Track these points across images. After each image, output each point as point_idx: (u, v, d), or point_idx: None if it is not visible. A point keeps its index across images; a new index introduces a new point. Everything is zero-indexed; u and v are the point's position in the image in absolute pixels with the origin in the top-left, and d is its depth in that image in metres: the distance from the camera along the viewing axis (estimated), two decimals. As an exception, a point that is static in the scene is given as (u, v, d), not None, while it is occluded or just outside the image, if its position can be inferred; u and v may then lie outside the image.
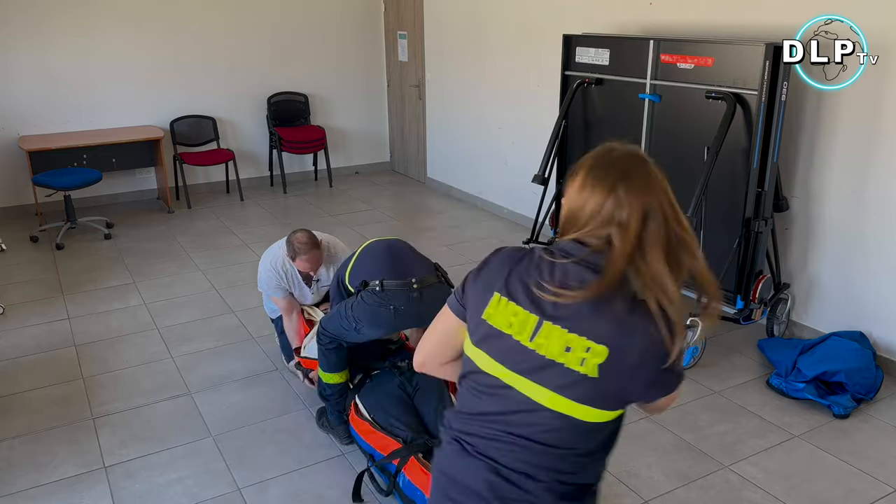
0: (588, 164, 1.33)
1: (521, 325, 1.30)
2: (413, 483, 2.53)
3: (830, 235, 3.71)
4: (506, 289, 1.33)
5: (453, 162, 6.75)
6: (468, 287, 1.42)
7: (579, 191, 1.31)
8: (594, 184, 1.29)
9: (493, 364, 1.34)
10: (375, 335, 2.94)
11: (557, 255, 1.32)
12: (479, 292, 1.38)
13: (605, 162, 1.32)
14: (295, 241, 3.28)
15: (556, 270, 1.29)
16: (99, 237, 5.65)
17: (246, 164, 6.99)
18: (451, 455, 1.43)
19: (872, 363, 3.38)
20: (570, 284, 1.27)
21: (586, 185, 1.30)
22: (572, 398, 1.27)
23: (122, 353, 3.83)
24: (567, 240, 1.32)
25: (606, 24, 4.68)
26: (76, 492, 2.77)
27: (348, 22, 7.17)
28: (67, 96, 6.14)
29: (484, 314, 1.35)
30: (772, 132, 3.43)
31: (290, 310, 3.48)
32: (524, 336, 1.30)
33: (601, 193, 1.28)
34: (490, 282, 1.37)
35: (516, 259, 1.37)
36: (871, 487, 2.76)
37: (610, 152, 1.34)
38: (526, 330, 1.30)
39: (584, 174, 1.31)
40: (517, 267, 1.35)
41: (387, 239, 3.14)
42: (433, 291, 2.89)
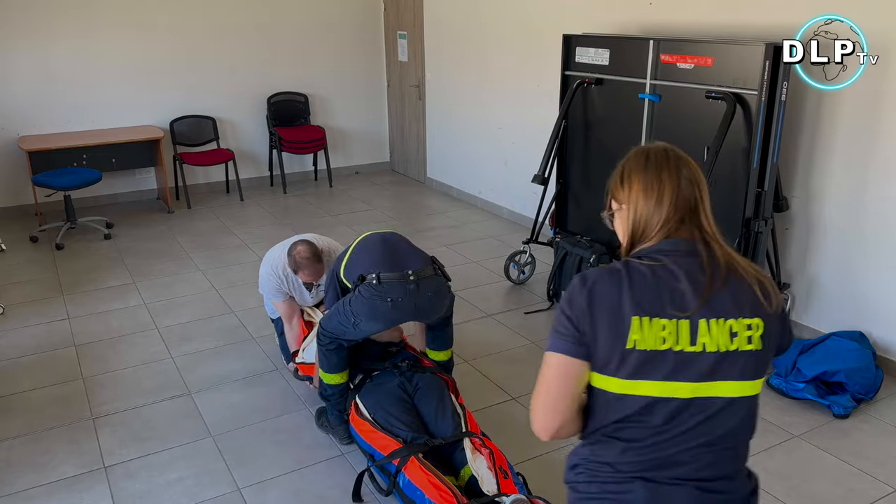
0: (640, 170, 1.39)
1: (675, 335, 1.29)
2: (413, 483, 2.53)
3: (830, 235, 3.71)
4: (641, 309, 1.30)
5: (453, 162, 6.75)
6: (585, 326, 1.31)
7: (645, 196, 1.37)
8: (659, 184, 1.36)
9: (662, 386, 1.30)
10: (374, 329, 2.92)
11: (659, 258, 1.34)
12: (608, 324, 1.30)
13: (656, 162, 1.39)
14: (297, 256, 3.25)
15: (676, 271, 1.32)
16: (99, 237, 5.65)
17: (246, 164, 6.99)
18: (643, 496, 1.34)
19: (872, 363, 3.38)
20: (699, 278, 1.31)
21: (651, 188, 1.36)
22: (752, 377, 1.32)
23: (122, 353, 3.83)
24: (653, 243, 1.36)
25: (606, 24, 4.68)
26: (76, 492, 2.77)
27: (348, 22, 7.17)
28: (67, 96, 6.14)
29: (628, 344, 1.29)
30: (772, 132, 3.43)
31: (290, 315, 3.47)
32: (684, 343, 1.29)
33: (671, 189, 1.36)
34: (615, 310, 1.31)
35: (622, 278, 1.33)
36: (871, 487, 2.76)
37: (648, 153, 1.41)
38: (683, 337, 1.29)
39: (643, 179, 1.38)
40: (633, 285, 1.32)
41: (381, 232, 3.13)
42: (429, 283, 2.89)
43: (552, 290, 4.37)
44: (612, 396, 1.33)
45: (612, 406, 1.34)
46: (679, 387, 1.30)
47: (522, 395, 3.42)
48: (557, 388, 1.35)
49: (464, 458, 2.63)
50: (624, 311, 1.30)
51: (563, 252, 4.25)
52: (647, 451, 1.34)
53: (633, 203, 1.38)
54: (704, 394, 1.30)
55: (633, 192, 1.38)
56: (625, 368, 1.30)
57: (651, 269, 1.32)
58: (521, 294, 4.61)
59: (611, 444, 1.37)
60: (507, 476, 2.55)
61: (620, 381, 1.31)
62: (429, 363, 3.23)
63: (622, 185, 1.41)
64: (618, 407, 1.33)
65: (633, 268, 1.34)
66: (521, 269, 4.73)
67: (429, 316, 3.03)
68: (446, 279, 3.02)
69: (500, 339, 3.99)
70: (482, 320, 4.22)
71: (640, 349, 1.29)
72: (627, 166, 1.41)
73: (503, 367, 3.68)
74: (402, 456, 2.61)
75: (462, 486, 2.56)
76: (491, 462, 2.58)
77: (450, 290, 3.05)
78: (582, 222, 4.56)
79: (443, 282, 2.98)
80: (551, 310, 4.32)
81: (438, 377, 3.07)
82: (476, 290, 4.62)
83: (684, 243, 1.34)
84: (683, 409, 1.31)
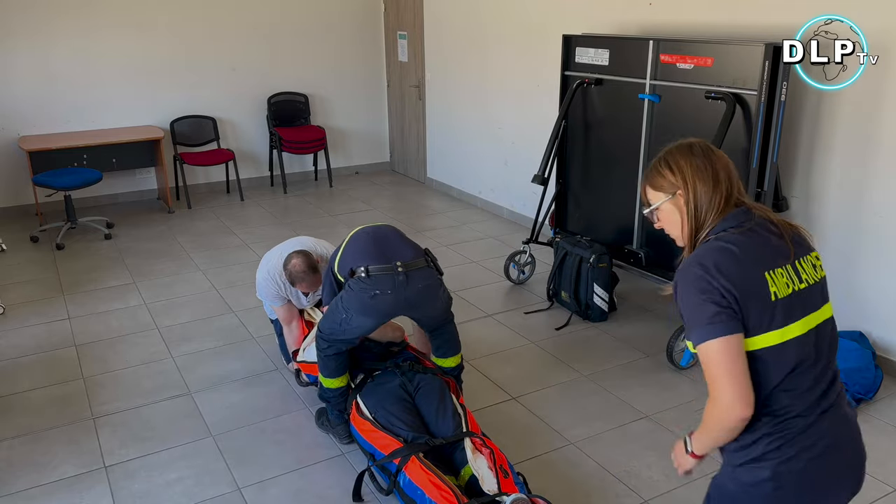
0: (688, 156, 1.55)
1: (790, 278, 1.50)
2: (414, 482, 2.53)
3: (830, 235, 3.72)
4: (764, 265, 1.48)
5: (453, 162, 6.75)
6: (731, 300, 1.44)
7: (702, 178, 1.52)
8: (711, 164, 1.53)
9: (803, 323, 1.50)
10: (366, 325, 2.87)
11: (738, 227, 1.51)
12: (750, 288, 1.45)
13: (701, 148, 1.56)
14: (292, 270, 3.23)
15: (760, 231, 1.52)
16: (99, 237, 5.66)
17: (246, 164, 6.99)
18: (828, 426, 1.52)
19: (872, 363, 3.38)
20: (775, 230, 1.54)
21: (706, 169, 1.53)
22: (828, 299, 1.60)
23: (122, 353, 3.83)
24: (717, 222, 1.52)
25: (606, 24, 4.68)
26: (76, 492, 2.78)
27: (348, 22, 7.17)
28: (68, 96, 6.14)
29: (772, 297, 1.46)
30: (771, 132, 3.44)
31: (289, 319, 3.47)
32: (797, 283, 1.51)
33: (721, 168, 1.53)
34: (749, 274, 1.46)
35: (731, 251, 1.48)
36: (871, 487, 2.76)
37: (690, 144, 1.58)
38: (794, 279, 1.51)
39: (694, 163, 1.53)
40: (745, 251, 1.48)
41: (375, 225, 3.11)
42: (420, 274, 2.86)
43: (552, 290, 4.37)
44: (776, 349, 1.47)
45: (781, 358, 1.48)
46: (809, 319, 1.51)
47: (522, 395, 3.43)
48: (739, 367, 1.44)
49: (464, 458, 2.64)
50: (756, 273, 1.46)
51: (563, 252, 4.25)
52: (814, 387, 1.51)
53: (691, 186, 1.52)
54: (820, 320, 1.54)
55: (689, 177, 1.52)
56: (777, 320, 1.46)
57: (744, 236, 1.50)
58: (521, 294, 4.61)
59: (790, 395, 1.50)
60: (508, 475, 2.55)
61: (778, 331, 1.46)
62: (430, 364, 3.23)
63: (673, 173, 1.54)
64: (785, 357, 1.48)
65: (730, 240, 1.48)
66: (521, 269, 4.74)
67: (421, 310, 2.97)
68: (438, 272, 3.00)
69: (500, 339, 3.99)
70: (482, 320, 4.22)
71: (780, 298, 1.47)
72: (671, 156, 1.55)
73: (503, 367, 3.68)
74: (403, 455, 2.62)
75: (462, 486, 2.56)
76: (491, 462, 2.58)
77: (443, 286, 3.00)
78: (582, 222, 4.56)
79: (434, 274, 2.95)
80: (551, 310, 4.33)
81: (439, 377, 3.07)
82: (476, 290, 4.62)
83: (743, 213, 1.52)
84: (817, 337, 1.52)
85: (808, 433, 1.50)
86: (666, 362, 3.65)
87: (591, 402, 3.37)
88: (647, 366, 3.68)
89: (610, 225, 4.37)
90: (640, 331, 4.06)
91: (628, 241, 4.23)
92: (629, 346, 3.88)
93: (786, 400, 1.49)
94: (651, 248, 4.11)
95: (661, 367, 3.65)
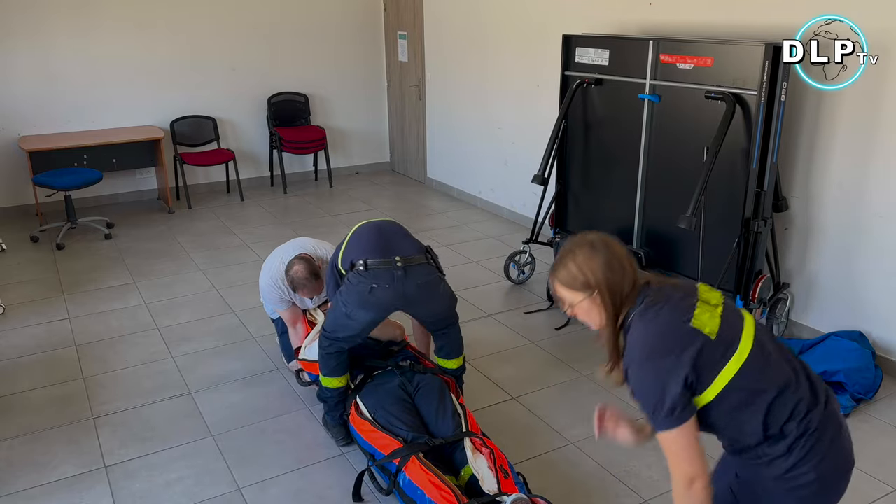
0: (591, 255, 1.69)
1: (708, 310, 1.65)
2: (413, 482, 2.53)
3: (830, 235, 3.72)
4: (688, 315, 1.63)
5: (453, 162, 6.75)
6: (682, 371, 1.58)
7: (612, 271, 1.67)
8: (615, 260, 1.69)
9: (744, 340, 1.63)
10: (366, 319, 2.86)
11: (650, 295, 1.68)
12: (688, 344, 1.60)
13: (602, 246, 1.70)
14: (294, 277, 3.22)
15: (664, 290, 1.70)
16: (99, 237, 5.66)
17: (246, 164, 6.99)
18: (833, 436, 1.64)
19: (872, 363, 3.39)
20: (671, 287, 1.72)
21: (613, 266, 1.68)
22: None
23: (123, 353, 3.83)
24: (633, 301, 1.68)
25: (606, 25, 4.68)
26: (76, 492, 2.78)
27: (348, 22, 7.17)
28: (67, 96, 6.15)
29: (712, 337, 1.61)
30: (771, 132, 3.43)
31: (294, 321, 3.47)
32: (714, 312, 1.66)
33: (623, 255, 1.70)
34: (682, 331, 1.62)
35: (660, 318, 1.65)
36: (871, 487, 2.76)
37: (589, 242, 1.72)
38: (709, 307, 1.66)
39: (600, 260, 1.68)
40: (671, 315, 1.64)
41: (377, 220, 3.12)
42: (419, 270, 2.86)
43: (552, 290, 4.36)
44: (745, 372, 1.60)
45: (754, 374, 1.61)
46: (746, 336, 1.65)
47: (522, 394, 3.43)
48: (696, 444, 1.60)
49: (464, 458, 2.64)
50: (686, 328, 1.61)
51: (563, 252, 4.25)
52: (798, 379, 1.65)
53: (605, 283, 1.66)
54: (753, 331, 1.67)
55: (601, 276, 1.66)
56: (730, 349, 1.61)
57: (658, 303, 1.65)
58: (521, 294, 4.61)
59: (789, 397, 1.62)
60: (508, 475, 2.55)
61: (735, 359, 1.60)
62: (429, 363, 3.23)
63: (585, 276, 1.67)
64: (755, 372, 1.61)
65: (653, 314, 1.64)
66: (521, 269, 4.74)
67: (420, 307, 2.96)
68: (439, 271, 2.99)
69: (500, 339, 3.99)
70: (482, 320, 4.22)
71: (716, 333, 1.61)
72: (579, 261, 1.68)
73: (503, 367, 3.68)
74: (403, 455, 2.62)
75: (462, 486, 2.56)
76: (491, 462, 2.58)
77: (443, 283, 2.99)
78: (582, 222, 4.56)
79: (433, 271, 2.94)
80: (551, 310, 4.33)
81: (439, 377, 3.07)
82: (476, 290, 4.62)
83: (644, 286, 1.69)
84: (761, 343, 1.67)
85: (824, 423, 1.62)
86: (666, 362, 3.64)
87: (591, 402, 3.37)
88: (647, 366, 3.68)
89: (610, 225, 4.36)
90: (640, 331, 4.05)
91: (628, 241, 4.23)
92: (629, 346, 3.88)
93: (791, 403, 1.61)
94: (651, 248, 4.11)
95: (661, 367, 3.65)
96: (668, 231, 3.93)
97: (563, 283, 1.71)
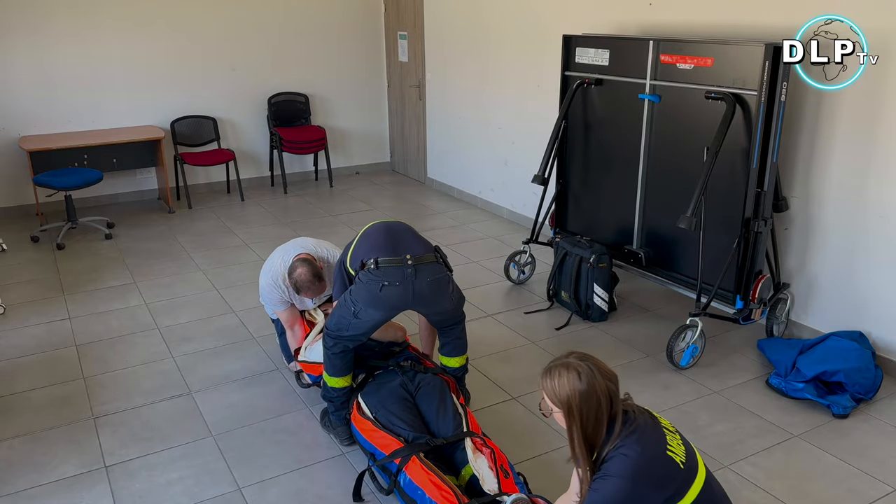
0: (572, 387, 1.88)
1: (676, 440, 1.93)
2: (414, 482, 2.53)
3: (830, 235, 3.72)
4: (664, 445, 1.88)
5: (453, 162, 6.75)
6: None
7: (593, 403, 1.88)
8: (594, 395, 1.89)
9: (698, 479, 1.90)
10: (374, 318, 2.87)
11: (631, 425, 1.89)
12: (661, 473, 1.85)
13: (587, 377, 1.89)
14: (297, 279, 3.22)
15: (643, 419, 1.92)
16: (100, 237, 5.66)
17: (246, 165, 6.99)
18: None
19: (872, 363, 3.39)
20: (649, 418, 1.96)
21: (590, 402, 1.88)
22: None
23: (123, 353, 3.84)
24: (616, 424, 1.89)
25: (606, 25, 4.69)
26: (76, 492, 2.78)
27: (348, 22, 7.17)
28: (68, 96, 6.15)
29: (680, 466, 1.86)
30: (771, 132, 3.43)
31: (292, 322, 3.47)
32: (680, 446, 1.93)
33: (603, 390, 1.89)
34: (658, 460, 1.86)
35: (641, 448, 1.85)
36: (871, 487, 2.77)
37: (578, 373, 1.89)
38: (677, 443, 1.93)
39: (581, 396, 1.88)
40: (646, 445, 1.86)
41: (387, 221, 3.13)
42: (429, 269, 2.87)
43: (552, 290, 4.37)
44: (707, 492, 1.88)
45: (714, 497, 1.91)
46: (699, 477, 1.92)
47: (522, 394, 3.43)
48: None
49: (465, 458, 2.64)
50: (662, 454, 1.85)
51: (563, 252, 4.25)
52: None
53: (577, 410, 1.88)
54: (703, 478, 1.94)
55: (576, 402, 1.87)
56: (687, 481, 1.87)
57: (636, 434, 1.87)
58: (521, 294, 4.61)
59: None
60: (508, 475, 2.55)
61: (696, 483, 1.88)
62: (430, 363, 3.23)
63: (561, 396, 1.89)
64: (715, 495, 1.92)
65: (632, 447, 1.84)
66: (521, 269, 4.74)
67: (430, 305, 2.96)
68: (448, 269, 3.00)
69: (500, 339, 3.99)
70: (482, 320, 4.22)
71: (683, 461, 1.88)
72: (561, 380, 1.89)
73: (503, 367, 3.69)
74: (404, 455, 2.62)
75: (463, 486, 2.56)
76: (492, 461, 2.58)
77: (452, 282, 3.00)
78: (582, 222, 4.57)
79: (443, 269, 2.95)
80: (551, 310, 4.33)
81: (440, 377, 3.07)
82: (476, 290, 4.62)
83: (625, 416, 1.90)
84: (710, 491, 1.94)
85: None
86: (666, 362, 3.65)
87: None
88: (646, 366, 3.68)
89: (610, 225, 4.37)
90: (640, 331, 4.06)
91: (628, 241, 4.23)
92: (629, 346, 3.88)
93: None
94: (651, 248, 4.11)
95: (660, 367, 3.65)
96: (668, 231, 3.93)
97: (545, 391, 1.94)
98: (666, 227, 3.94)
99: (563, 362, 1.92)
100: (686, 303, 4.10)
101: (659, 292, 4.52)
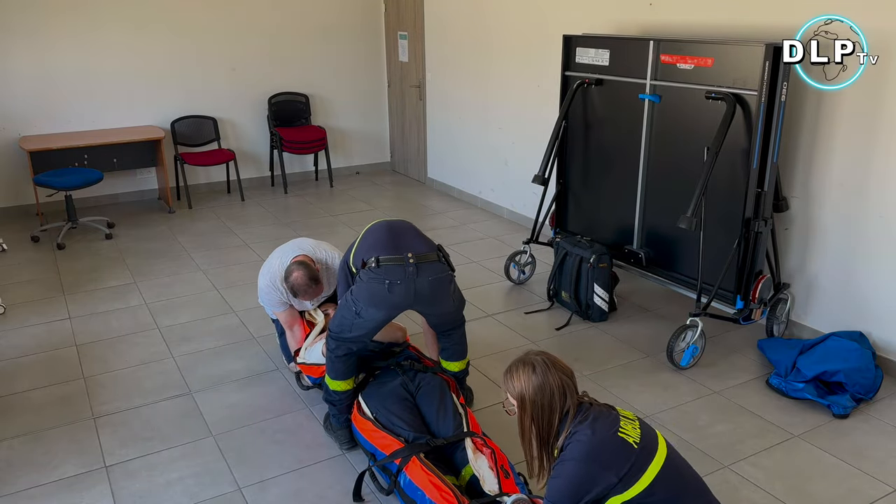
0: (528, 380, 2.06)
1: (631, 424, 2.05)
2: (414, 483, 2.53)
3: (830, 235, 3.72)
4: (616, 427, 2.00)
5: (453, 162, 6.75)
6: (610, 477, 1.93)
7: (547, 394, 2.03)
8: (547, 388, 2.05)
9: (658, 457, 1.98)
10: (376, 317, 2.86)
11: (588, 414, 2.04)
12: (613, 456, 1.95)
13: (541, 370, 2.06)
14: (294, 283, 3.21)
15: (597, 409, 2.06)
16: (100, 237, 5.66)
17: (246, 165, 6.99)
18: None
19: (872, 363, 3.38)
20: (605, 407, 2.11)
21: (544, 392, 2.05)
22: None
23: (123, 353, 3.84)
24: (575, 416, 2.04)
25: (606, 25, 4.69)
26: (76, 491, 2.78)
27: (348, 22, 7.17)
28: (68, 96, 6.15)
29: (633, 446, 1.96)
30: (771, 132, 3.43)
31: (291, 323, 3.46)
32: (636, 427, 2.05)
33: (557, 385, 2.05)
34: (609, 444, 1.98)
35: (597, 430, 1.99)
36: (870, 487, 2.77)
37: (533, 366, 2.07)
38: (631, 424, 2.05)
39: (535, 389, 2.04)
40: (600, 431, 1.98)
41: (390, 219, 3.12)
42: (430, 267, 2.86)
43: (552, 290, 4.37)
44: (667, 474, 1.97)
45: (679, 480, 2.01)
46: (660, 454, 2.01)
47: (522, 394, 3.42)
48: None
49: (465, 458, 2.64)
50: (614, 438, 1.97)
51: (564, 252, 4.25)
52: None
53: (530, 402, 2.03)
54: (665, 454, 2.04)
55: (529, 393, 2.03)
56: (645, 462, 1.95)
57: (592, 420, 2.01)
58: (521, 294, 4.61)
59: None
60: (509, 476, 2.55)
61: (654, 464, 1.96)
62: (430, 363, 3.23)
63: (516, 389, 2.06)
64: (668, 482, 1.97)
65: (589, 422, 1.99)
66: (522, 269, 4.74)
67: (431, 305, 2.95)
68: (450, 268, 3.00)
69: (500, 339, 3.99)
70: (482, 320, 4.22)
71: (638, 442, 1.98)
72: (517, 374, 2.05)
73: (503, 367, 3.66)
74: (404, 455, 2.62)
75: (463, 486, 2.56)
76: (492, 462, 2.58)
77: (454, 283, 2.99)
78: (582, 222, 4.56)
79: (445, 268, 2.94)
80: (551, 310, 4.33)
81: (440, 377, 3.07)
82: (476, 290, 4.62)
83: (581, 407, 2.05)
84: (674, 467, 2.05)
85: None
86: (666, 362, 3.65)
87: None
88: (647, 366, 3.68)
89: (610, 225, 4.37)
90: (640, 331, 4.06)
91: (628, 241, 4.23)
92: (629, 346, 3.88)
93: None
94: (651, 249, 4.11)
95: (661, 367, 3.65)
96: (668, 231, 3.93)
97: (506, 388, 2.09)
98: (666, 228, 3.94)
99: (520, 359, 2.08)
100: (686, 303, 4.10)
101: (659, 292, 4.52)
